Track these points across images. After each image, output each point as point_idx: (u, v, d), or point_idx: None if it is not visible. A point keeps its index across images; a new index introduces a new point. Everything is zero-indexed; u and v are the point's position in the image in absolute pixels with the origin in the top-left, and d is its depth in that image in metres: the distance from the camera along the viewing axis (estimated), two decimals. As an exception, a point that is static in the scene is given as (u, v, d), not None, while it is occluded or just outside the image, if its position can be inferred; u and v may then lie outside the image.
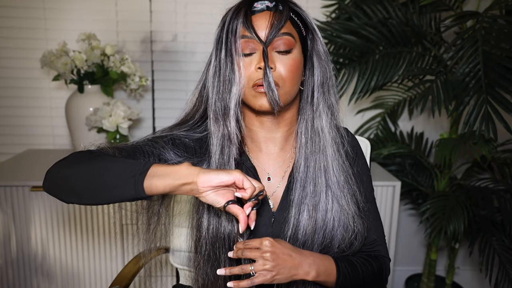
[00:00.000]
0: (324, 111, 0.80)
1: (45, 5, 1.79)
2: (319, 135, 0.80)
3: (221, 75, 0.77)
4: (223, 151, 0.79)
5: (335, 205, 0.79)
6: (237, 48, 0.75)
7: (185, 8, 1.85)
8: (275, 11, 0.75)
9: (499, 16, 1.37)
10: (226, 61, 0.76)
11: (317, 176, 0.80)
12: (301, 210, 0.79)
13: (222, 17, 0.80)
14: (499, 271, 1.52)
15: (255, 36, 0.74)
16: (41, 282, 1.48)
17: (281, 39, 0.75)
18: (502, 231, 1.60)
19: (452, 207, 1.50)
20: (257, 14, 0.75)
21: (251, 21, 0.75)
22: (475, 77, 1.36)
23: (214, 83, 0.78)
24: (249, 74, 0.75)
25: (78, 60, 1.55)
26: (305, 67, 0.81)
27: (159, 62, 1.89)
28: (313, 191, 0.80)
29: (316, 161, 0.80)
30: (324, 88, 0.80)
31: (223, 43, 0.76)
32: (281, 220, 0.82)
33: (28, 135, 1.89)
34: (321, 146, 0.80)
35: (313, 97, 0.80)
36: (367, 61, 1.64)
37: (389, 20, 1.63)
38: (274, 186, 0.85)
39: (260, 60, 0.74)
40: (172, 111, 1.94)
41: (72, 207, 1.44)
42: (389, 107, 1.90)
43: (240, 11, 0.75)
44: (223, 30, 0.77)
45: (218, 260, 0.79)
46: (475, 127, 1.35)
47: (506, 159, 1.71)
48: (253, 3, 0.76)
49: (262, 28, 0.75)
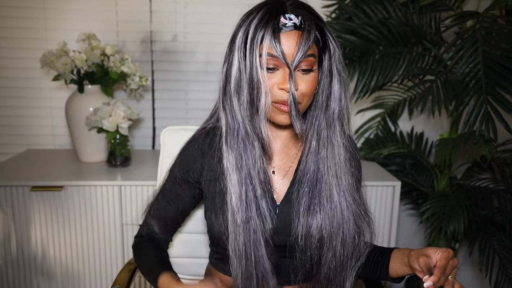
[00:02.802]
0: (339, 123, 0.82)
1: (45, 5, 1.79)
2: (332, 144, 0.82)
3: (243, 90, 0.76)
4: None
5: (343, 204, 0.81)
6: (262, 63, 0.74)
7: (185, 8, 1.85)
8: (303, 31, 0.74)
9: (499, 16, 1.37)
10: (252, 73, 0.75)
11: (327, 180, 0.81)
12: (311, 210, 0.81)
13: (241, 19, 0.78)
14: (499, 271, 1.52)
15: (282, 58, 0.73)
16: (41, 282, 1.48)
17: (305, 60, 0.75)
18: (502, 231, 1.60)
19: (452, 207, 1.50)
20: (284, 32, 0.74)
21: (280, 41, 0.73)
22: (475, 77, 1.36)
23: (237, 98, 0.78)
24: (271, 88, 0.76)
25: (78, 60, 1.55)
26: (321, 75, 0.81)
27: (159, 62, 1.89)
28: (323, 192, 0.81)
29: (326, 166, 0.82)
30: (341, 102, 0.81)
31: (246, 54, 0.75)
32: (285, 213, 0.84)
33: (28, 135, 1.89)
34: (334, 153, 0.81)
35: (328, 107, 0.81)
36: (367, 61, 1.64)
37: (389, 20, 1.63)
38: (278, 180, 0.87)
39: (285, 81, 0.74)
40: (172, 111, 1.94)
41: (72, 207, 1.44)
42: (389, 107, 1.90)
43: (268, 25, 0.73)
44: (246, 38, 0.75)
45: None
46: (475, 127, 1.35)
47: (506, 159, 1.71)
48: (279, 14, 0.74)
49: (290, 50, 0.74)
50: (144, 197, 1.46)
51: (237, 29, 0.77)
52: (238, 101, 0.77)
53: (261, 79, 0.74)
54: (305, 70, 0.76)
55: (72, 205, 1.44)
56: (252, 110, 0.77)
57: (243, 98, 0.76)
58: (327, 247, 0.81)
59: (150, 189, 1.46)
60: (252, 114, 0.77)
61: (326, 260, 0.81)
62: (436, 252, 0.73)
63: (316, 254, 0.81)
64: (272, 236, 0.81)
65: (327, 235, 0.80)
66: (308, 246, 0.81)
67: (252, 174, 0.79)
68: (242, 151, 0.79)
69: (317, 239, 0.80)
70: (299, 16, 0.75)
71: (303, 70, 0.76)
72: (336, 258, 0.81)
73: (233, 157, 0.79)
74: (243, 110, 0.77)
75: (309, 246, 0.81)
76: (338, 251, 0.81)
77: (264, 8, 0.76)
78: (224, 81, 0.79)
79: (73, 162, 1.67)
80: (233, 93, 0.77)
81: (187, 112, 1.94)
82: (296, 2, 0.77)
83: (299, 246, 0.81)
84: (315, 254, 0.81)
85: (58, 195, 1.43)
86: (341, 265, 0.82)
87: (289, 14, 0.74)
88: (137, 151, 1.88)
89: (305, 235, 0.80)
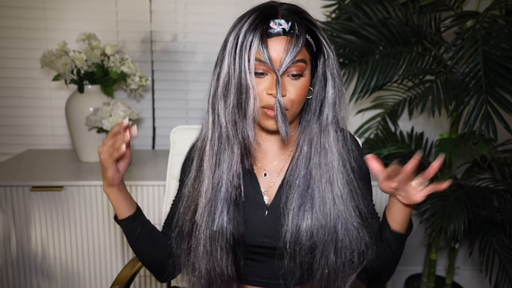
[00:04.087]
0: (333, 128, 0.82)
1: (45, 5, 1.79)
2: (325, 150, 0.81)
3: (230, 94, 0.77)
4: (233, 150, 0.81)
5: (336, 211, 0.80)
6: (250, 67, 0.74)
7: (185, 8, 1.85)
8: (291, 36, 0.74)
9: (499, 16, 1.37)
10: (240, 77, 0.75)
11: (320, 187, 0.81)
12: (301, 216, 0.80)
13: (234, 23, 0.78)
14: (499, 271, 1.52)
15: (269, 64, 0.74)
16: (41, 282, 1.48)
17: (294, 66, 0.75)
18: (502, 231, 1.60)
19: (452, 207, 1.50)
20: (273, 37, 0.74)
21: (267, 46, 0.74)
22: (475, 77, 1.36)
23: (224, 101, 0.78)
24: (260, 93, 0.76)
25: (78, 60, 1.55)
26: (314, 81, 0.81)
27: (159, 62, 1.89)
28: (315, 198, 0.81)
29: (319, 173, 0.81)
30: (335, 107, 0.81)
31: (236, 58, 0.75)
32: (275, 214, 0.84)
33: (28, 135, 1.89)
34: (327, 159, 0.81)
35: (322, 113, 0.81)
36: (367, 61, 1.64)
37: (389, 20, 1.63)
38: (270, 182, 0.87)
39: (272, 87, 0.74)
40: (172, 111, 1.94)
41: (72, 207, 1.44)
42: (389, 107, 1.90)
43: (257, 29, 0.74)
44: (236, 43, 0.75)
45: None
46: (475, 127, 1.35)
47: (506, 159, 1.71)
48: (269, 19, 0.75)
49: (278, 55, 0.74)
50: (144, 197, 1.46)
51: (229, 33, 0.78)
52: (224, 105, 0.78)
53: (250, 84, 0.74)
54: (295, 75, 0.76)
55: (72, 205, 1.44)
56: (239, 114, 0.77)
57: (230, 102, 0.77)
58: (320, 255, 0.80)
59: (150, 188, 1.46)
60: (236, 119, 0.77)
61: (318, 267, 0.80)
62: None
63: (306, 261, 0.80)
64: (243, 240, 0.81)
65: (320, 242, 0.79)
66: (297, 252, 0.80)
67: (224, 178, 0.80)
68: (221, 155, 0.81)
69: (308, 245, 0.79)
70: (290, 21, 0.75)
71: (293, 76, 0.76)
72: (329, 266, 0.80)
73: (213, 160, 0.81)
74: (227, 114, 0.78)
75: (299, 252, 0.80)
76: (331, 259, 0.80)
77: (256, 12, 0.76)
78: (214, 85, 0.80)
79: (73, 162, 1.67)
80: (220, 97, 0.78)
81: (187, 112, 1.94)
82: (290, 7, 0.77)
83: (288, 250, 0.80)
84: (305, 261, 0.80)
85: (58, 195, 1.43)
86: (335, 273, 0.81)
87: (279, 20, 0.75)
88: (137, 151, 1.88)
89: (294, 240, 0.80)
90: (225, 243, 0.80)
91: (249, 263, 0.86)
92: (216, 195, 0.81)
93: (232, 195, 0.81)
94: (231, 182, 0.80)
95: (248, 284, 0.87)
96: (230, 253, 0.81)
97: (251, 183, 0.86)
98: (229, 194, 0.81)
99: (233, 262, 0.81)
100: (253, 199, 0.85)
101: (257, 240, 0.83)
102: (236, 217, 0.81)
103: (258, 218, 0.84)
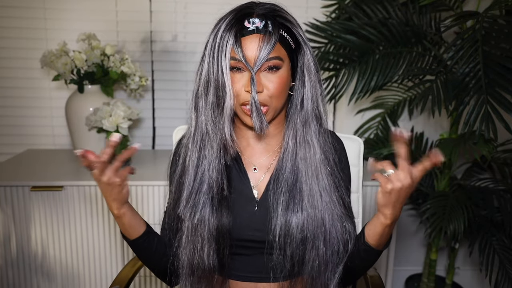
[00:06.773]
0: (313, 122, 0.85)
1: (45, 5, 1.79)
2: (308, 143, 0.85)
3: (209, 93, 0.80)
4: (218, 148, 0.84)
5: (323, 203, 0.83)
6: (226, 66, 0.77)
7: (185, 8, 1.85)
8: (264, 34, 0.77)
9: (499, 16, 1.37)
10: (218, 76, 0.78)
11: (307, 181, 0.84)
12: (290, 209, 0.83)
13: (215, 25, 0.81)
14: (499, 271, 1.52)
15: (244, 62, 0.76)
16: (41, 282, 1.48)
17: (269, 62, 0.78)
18: (502, 231, 1.60)
19: (452, 207, 1.50)
20: (247, 36, 0.77)
21: (241, 44, 0.77)
22: (475, 77, 1.36)
23: (205, 99, 0.82)
24: (238, 90, 0.79)
25: (78, 60, 1.55)
26: (295, 77, 0.84)
27: (159, 62, 1.89)
28: (303, 191, 0.83)
29: (305, 167, 0.84)
30: (313, 102, 0.84)
31: (214, 58, 0.78)
32: (265, 208, 0.85)
33: (28, 135, 1.89)
34: (311, 153, 0.84)
35: (303, 107, 0.85)
36: (367, 61, 1.64)
37: (389, 20, 1.63)
38: (259, 177, 0.89)
39: (248, 84, 0.77)
40: (172, 111, 1.94)
41: (72, 207, 1.44)
42: (389, 107, 1.90)
43: (232, 29, 0.77)
44: (215, 43, 0.79)
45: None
46: (475, 127, 1.35)
47: (506, 159, 1.71)
48: (245, 19, 0.77)
49: (252, 53, 0.77)
50: (144, 197, 1.46)
51: (210, 34, 0.82)
52: (205, 102, 0.81)
53: (226, 83, 0.77)
54: (271, 68, 0.78)
55: (72, 205, 1.44)
56: (218, 112, 0.80)
57: (209, 99, 0.80)
58: (310, 246, 0.82)
59: (150, 189, 1.46)
60: (216, 116, 0.80)
61: (309, 259, 0.83)
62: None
63: (297, 254, 0.82)
64: (228, 232, 0.83)
65: (310, 234, 0.82)
66: (288, 245, 0.82)
67: (206, 174, 0.83)
68: (202, 151, 0.84)
69: (299, 238, 0.81)
70: (263, 19, 0.77)
71: (269, 69, 0.78)
72: (319, 257, 0.82)
73: (195, 156, 0.84)
74: (207, 111, 0.81)
75: (289, 245, 0.82)
76: (321, 250, 0.82)
77: (233, 13, 0.80)
78: (196, 83, 0.84)
79: (73, 162, 1.67)
80: (201, 95, 0.82)
81: (187, 112, 1.93)
82: (266, 6, 0.80)
83: (277, 244, 0.82)
84: (296, 253, 0.82)
85: (58, 195, 1.43)
86: (325, 264, 0.83)
87: (254, 18, 0.77)
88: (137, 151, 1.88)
89: (284, 233, 0.82)
90: (207, 234, 0.82)
91: (238, 258, 0.87)
92: (199, 189, 0.83)
93: (214, 189, 0.83)
94: (211, 177, 0.83)
95: (238, 279, 0.88)
96: (213, 244, 0.83)
97: (241, 178, 0.88)
98: (211, 189, 0.83)
99: (215, 253, 0.83)
100: (243, 193, 0.87)
101: (247, 233, 0.85)
102: (220, 210, 0.83)
103: (248, 212, 0.86)
